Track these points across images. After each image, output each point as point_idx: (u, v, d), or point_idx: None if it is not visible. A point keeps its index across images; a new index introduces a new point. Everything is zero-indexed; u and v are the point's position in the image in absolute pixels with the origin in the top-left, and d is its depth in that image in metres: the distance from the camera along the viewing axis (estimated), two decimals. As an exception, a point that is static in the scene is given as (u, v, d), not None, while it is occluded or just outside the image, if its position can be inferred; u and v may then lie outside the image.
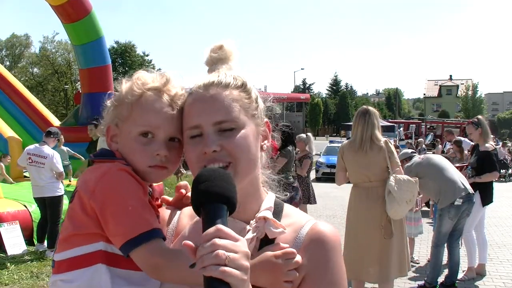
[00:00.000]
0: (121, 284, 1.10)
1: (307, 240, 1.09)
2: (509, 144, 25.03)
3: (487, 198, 6.12)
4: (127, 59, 51.67)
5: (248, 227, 1.08)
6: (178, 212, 1.25)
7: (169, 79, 1.20)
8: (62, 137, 9.12)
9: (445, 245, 5.67)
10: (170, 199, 1.28)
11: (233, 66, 1.17)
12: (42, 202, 7.10)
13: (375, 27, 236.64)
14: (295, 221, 1.13)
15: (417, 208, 6.60)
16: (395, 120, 48.04)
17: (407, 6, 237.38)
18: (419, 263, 6.79)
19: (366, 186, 4.43)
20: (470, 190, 5.51)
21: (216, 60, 1.17)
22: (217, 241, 0.80)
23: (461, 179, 5.58)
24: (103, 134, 1.25)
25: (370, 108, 4.61)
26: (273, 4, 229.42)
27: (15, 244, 7.05)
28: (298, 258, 1.03)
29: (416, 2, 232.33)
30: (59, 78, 49.87)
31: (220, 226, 0.82)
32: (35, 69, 52.65)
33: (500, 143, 22.49)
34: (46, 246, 7.08)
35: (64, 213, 7.60)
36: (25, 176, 10.51)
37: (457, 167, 6.25)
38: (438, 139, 19.26)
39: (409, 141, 21.81)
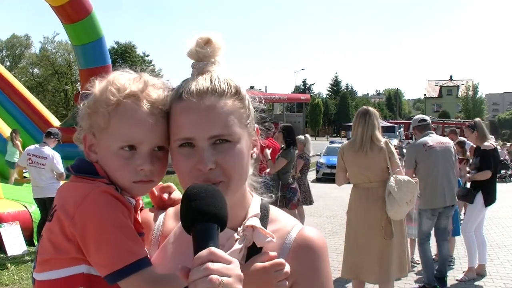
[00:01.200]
0: None
1: (295, 247, 1.07)
2: (508, 145, 25.00)
3: (489, 198, 6.11)
4: (127, 60, 51.66)
5: (235, 235, 1.05)
6: (163, 213, 1.20)
7: (147, 82, 1.08)
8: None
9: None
10: (157, 193, 1.24)
11: (219, 61, 1.08)
12: (42, 202, 7.09)
13: (375, 27, 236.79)
14: (282, 226, 1.11)
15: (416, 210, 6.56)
16: (396, 121, 48.09)
17: (407, 6, 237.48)
18: (419, 263, 6.78)
19: (366, 186, 4.42)
20: (450, 203, 5.51)
21: (202, 56, 1.05)
22: (211, 265, 0.78)
23: (446, 191, 5.44)
24: (80, 142, 1.13)
25: (370, 108, 4.61)
26: (273, 4, 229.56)
27: (15, 244, 7.04)
28: (287, 268, 1.01)
29: (417, 3, 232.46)
30: (60, 79, 49.91)
31: (213, 249, 0.81)
32: (35, 70, 52.71)
33: (499, 144, 22.41)
34: (46, 246, 7.08)
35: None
36: (25, 177, 10.52)
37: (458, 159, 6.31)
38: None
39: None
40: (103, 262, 0.99)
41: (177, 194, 1.23)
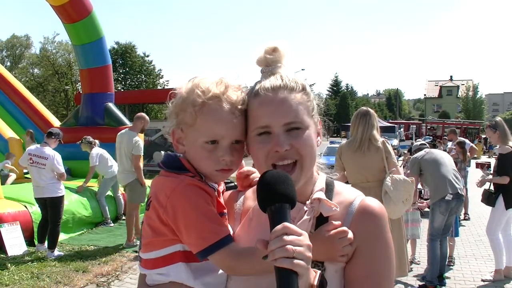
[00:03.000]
0: (200, 274, 1.26)
1: (357, 215, 1.22)
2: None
3: (510, 201, 5.96)
4: (127, 60, 51.61)
5: (305, 207, 1.21)
6: (243, 195, 1.41)
7: (228, 85, 1.24)
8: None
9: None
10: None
11: (285, 65, 1.26)
12: (42, 202, 7.10)
13: (375, 27, 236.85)
14: (346, 197, 1.27)
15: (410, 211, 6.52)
16: (396, 121, 48.06)
17: (407, 6, 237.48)
18: (419, 263, 6.79)
19: (364, 186, 4.43)
20: (461, 191, 5.67)
21: (271, 62, 1.25)
22: (285, 237, 0.95)
23: (455, 178, 5.67)
24: (168, 135, 1.33)
25: (370, 109, 4.65)
26: (272, 4, 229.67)
27: (16, 244, 7.05)
28: (350, 235, 1.16)
29: (417, 3, 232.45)
30: (60, 79, 49.82)
31: (286, 224, 0.97)
32: (36, 70, 52.58)
33: None
34: (46, 246, 7.08)
35: (65, 213, 7.63)
36: (26, 177, 10.51)
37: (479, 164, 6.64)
38: (440, 140, 18.97)
39: (412, 141, 21.84)
40: (193, 242, 1.21)
41: (257, 175, 1.40)
